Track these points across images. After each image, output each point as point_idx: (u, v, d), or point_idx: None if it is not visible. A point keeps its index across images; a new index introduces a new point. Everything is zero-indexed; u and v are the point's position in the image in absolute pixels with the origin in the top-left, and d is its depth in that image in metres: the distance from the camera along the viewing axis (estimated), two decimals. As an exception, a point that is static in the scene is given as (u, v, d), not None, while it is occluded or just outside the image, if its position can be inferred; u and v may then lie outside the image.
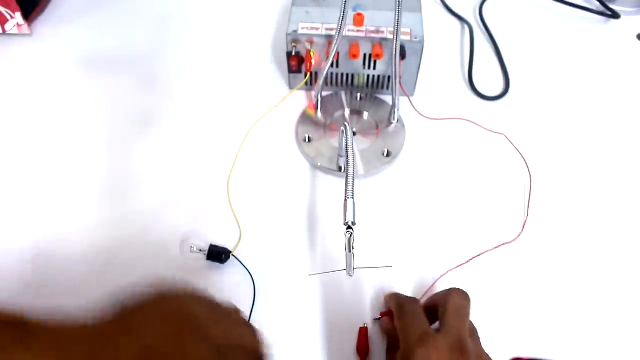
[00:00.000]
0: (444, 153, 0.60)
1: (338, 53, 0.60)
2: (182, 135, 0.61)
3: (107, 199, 0.55)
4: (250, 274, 0.49)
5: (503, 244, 0.51)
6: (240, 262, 0.50)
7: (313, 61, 0.61)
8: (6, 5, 0.68)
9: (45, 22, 0.74)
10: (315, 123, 0.62)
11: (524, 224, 0.53)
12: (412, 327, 0.38)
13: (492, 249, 0.51)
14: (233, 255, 0.50)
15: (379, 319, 0.46)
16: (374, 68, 0.62)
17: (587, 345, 0.46)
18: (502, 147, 0.60)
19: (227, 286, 0.49)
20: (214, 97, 0.65)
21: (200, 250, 0.50)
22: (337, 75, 0.64)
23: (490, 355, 0.39)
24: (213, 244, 0.50)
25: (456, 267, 0.50)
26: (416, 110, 0.61)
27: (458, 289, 0.40)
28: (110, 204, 0.54)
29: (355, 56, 0.59)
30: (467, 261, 0.50)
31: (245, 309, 0.47)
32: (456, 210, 0.55)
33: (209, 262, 0.49)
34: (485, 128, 0.61)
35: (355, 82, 0.64)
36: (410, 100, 0.62)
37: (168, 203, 0.55)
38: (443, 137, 0.61)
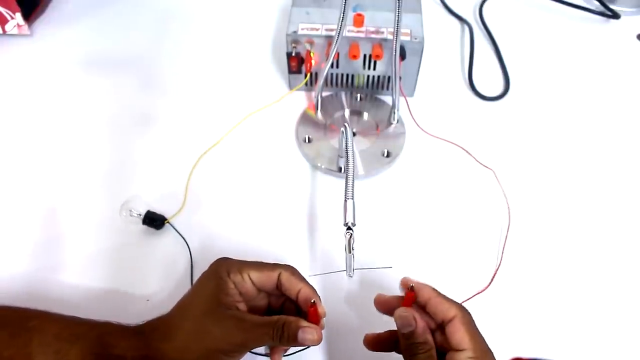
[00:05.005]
0: (444, 154, 0.60)
1: (338, 53, 0.60)
2: (182, 134, 0.61)
3: (106, 199, 0.55)
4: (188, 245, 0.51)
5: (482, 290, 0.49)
6: (176, 230, 0.52)
7: (313, 62, 0.61)
8: (6, 6, 0.68)
9: (46, 22, 0.74)
10: (315, 123, 0.62)
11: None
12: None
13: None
14: (169, 222, 0.52)
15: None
16: (374, 68, 0.62)
17: (587, 346, 0.46)
18: (500, 149, 0.60)
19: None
20: (213, 97, 0.65)
21: (139, 215, 0.51)
22: (337, 75, 0.64)
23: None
24: (151, 209, 0.52)
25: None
26: (416, 123, 0.62)
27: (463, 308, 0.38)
28: (109, 205, 0.54)
29: (355, 57, 0.59)
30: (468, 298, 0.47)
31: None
32: (456, 210, 0.55)
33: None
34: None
35: (355, 82, 0.64)
36: (410, 113, 0.62)
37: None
38: (442, 139, 0.61)
